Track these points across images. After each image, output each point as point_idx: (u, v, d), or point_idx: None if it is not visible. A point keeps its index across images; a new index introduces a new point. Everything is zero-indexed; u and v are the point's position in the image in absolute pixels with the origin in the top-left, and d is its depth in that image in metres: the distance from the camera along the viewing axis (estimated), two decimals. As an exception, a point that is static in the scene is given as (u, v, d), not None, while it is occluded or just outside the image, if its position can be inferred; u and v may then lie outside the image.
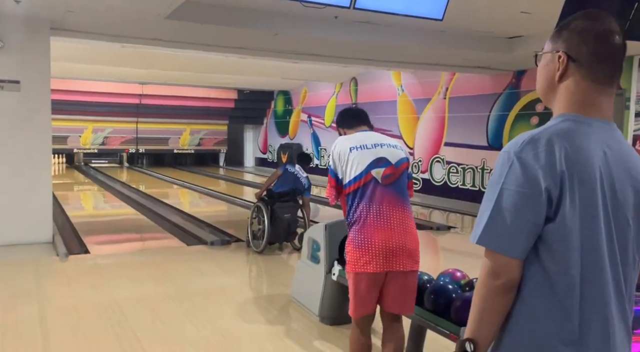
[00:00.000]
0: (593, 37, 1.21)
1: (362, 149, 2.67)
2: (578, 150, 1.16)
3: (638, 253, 1.26)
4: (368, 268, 2.56)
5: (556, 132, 1.18)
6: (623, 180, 1.20)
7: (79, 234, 6.74)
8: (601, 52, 1.21)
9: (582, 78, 1.22)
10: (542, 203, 1.14)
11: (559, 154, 1.14)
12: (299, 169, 6.16)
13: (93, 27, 6.41)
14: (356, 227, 2.60)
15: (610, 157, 1.20)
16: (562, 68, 1.23)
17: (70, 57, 9.92)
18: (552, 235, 1.16)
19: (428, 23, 5.53)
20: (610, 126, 1.24)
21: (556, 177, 1.13)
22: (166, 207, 9.25)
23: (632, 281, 1.24)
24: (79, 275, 4.97)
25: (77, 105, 16.14)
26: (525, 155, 1.15)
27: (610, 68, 1.23)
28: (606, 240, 1.17)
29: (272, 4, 5.45)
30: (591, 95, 1.22)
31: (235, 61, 10.25)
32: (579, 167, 1.15)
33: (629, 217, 1.21)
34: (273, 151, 18.09)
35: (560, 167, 1.13)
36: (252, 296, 4.59)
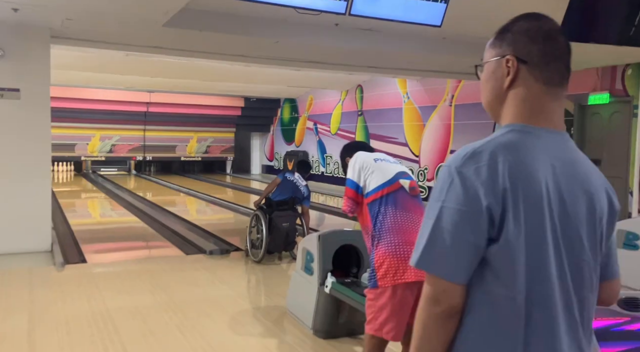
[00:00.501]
0: (541, 36, 1.13)
1: (387, 162, 2.71)
2: (523, 165, 1.06)
3: (596, 274, 1.15)
4: (409, 277, 2.42)
5: (500, 144, 1.09)
6: (574, 195, 1.10)
7: (79, 242, 6.71)
8: (550, 51, 1.13)
9: (535, 81, 1.13)
10: (484, 223, 1.04)
11: (502, 169, 1.05)
12: (298, 178, 6.08)
13: (93, 35, 6.41)
14: (390, 235, 2.49)
15: (559, 171, 1.10)
16: (512, 72, 1.14)
17: (77, 65, 9.97)
18: (496, 257, 1.06)
19: (429, 30, 5.45)
20: (562, 136, 1.15)
21: (498, 194, 1.04)
22: (170, 216, 9.22)
23: (589, 305, 1.14)
24: (74, 285, 4.92)
25: (84, 113, 16.27)
26: (466, 170, 1.06)
27: (560, 68, 1.14)
28: (555, 261, 1.07)
29: (270, 11, 5.41)
30: (542, 100, 1.13)
31: (241, 69, 10.25)
32: (524, 183, 1.05)
33: (582, 236, 1.11)
34: (279, 159, 18.05)
35: (503, 183, 1.04)
36: (247, 308, 4.50)
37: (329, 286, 3.63)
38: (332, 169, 14.99)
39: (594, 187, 1.14)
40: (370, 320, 2.54)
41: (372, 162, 2.68)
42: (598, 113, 8.40)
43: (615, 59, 7.57)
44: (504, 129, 1.14)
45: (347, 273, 3.83)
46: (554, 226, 1.07)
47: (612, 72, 8.10)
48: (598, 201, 1.14)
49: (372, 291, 2.54)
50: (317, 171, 15.30)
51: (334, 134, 14.93)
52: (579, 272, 1.11)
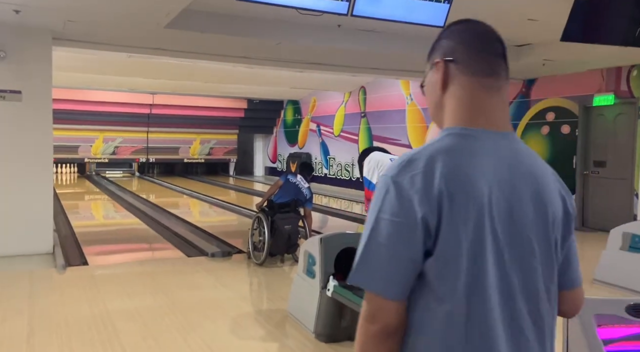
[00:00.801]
0: (466, 35, 1.11)
1: None
2: (461, 170, 1.01)
3: (552, 282, 1.07)
4: None
5: (437, 150, 1.04)
6: (521, 199, 1.04)
7: (81, 244, 6.70)
8: (475, 44, 1.10)
9: (464, 74, 1.09)
10: (419, 234, 0.98)
11: (438, 176, 0.99)
12: (300, 180, 6.04)
13: (95, 36, 6.41)
14: None
15: (504, 174, 1.03)
16: (442, 73, 1.11)
17: (79, 67, 9.98)
18: (432, 270, 0.99)
19: (432, 31, 5.42)
20: (506, 136, 1.08)
21: (433, 204, 0.98)
22: (172, 218, 9.20)
23: (544, 314, 1.05)
24: (74, 287, 4.89)
25: (88, 115, 16.29)
26: (401, 179, 1.01)
27: (489, 58, 1.09)
28: (496, 272, 1.00)
29: (272, 12, 5.39)
30: (478, 96, 1.08)
31: (244, 71, 10.23)
32: (461, 190, 0.99)
33: (532, 241, 1.04)
34: (282, 160, 18.03)
35: (438, 192, 0.98)
36: (249, 311, 4.46)
37: (331, 289, 3.59)
38: (335, 171, 14.95)
39: (545, 189, 1.08)
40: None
41: (387, 161, 2.66)
42: (603, 114, 8.34)
43: (621, 60, 7.51)
44: (442, 134, 1.09)
45: (349, 276, 3.79)
46: (496, 234, 1.01)
47: (617, 73, 8.04)
48: (550, 203, 1.07)
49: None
50: (320, 173, 15.26)
51: (337, 136, 14.89)
52: (530, 280, 1.04)
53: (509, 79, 1.14)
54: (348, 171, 14.37)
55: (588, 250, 7.30)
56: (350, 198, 12.69)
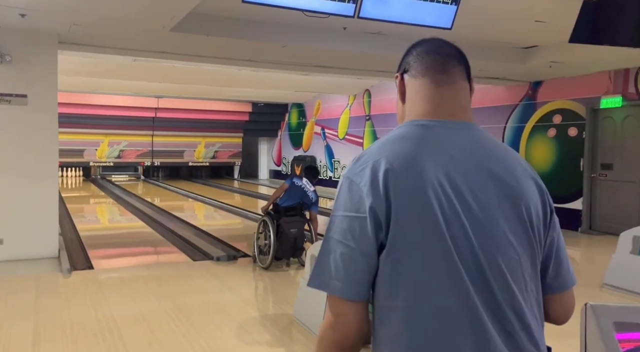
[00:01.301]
0: (421, 46, 1.15)
1: None
2: (409, 158, 0.99)
3: (531, 278, 1.01)
4: None
5: (383, 142, 1.05)
6: (481, 186, 1.00)
7: (86, 248, 6.68)
8: (428, 49, 1.14)
9: (414, 78, 1.12)
10: (370, 226, 0.95)
11: (384, 166, 0.98)
12: (306, 183, 6.01)
13: (101, 40, 6.41)
14: None
15: (460, 162, 1.01)
16: (399, 84, 1.15)
17: (86, 72, 10.01)
18: (385, 265, 0.96)
19: (438, 33, 5.39)
20: (464, 125, 1.07)
21: (380, 193, 0.96)
22: (177, 221, 9.18)
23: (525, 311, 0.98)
24: (80, 292, 4.87)
25: (93, 118, 16.33)
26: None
27: (437, 58, 1.11)
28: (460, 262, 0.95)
29: (278, 15, 5.37)
30: (428, 92, 1.09)
31: (249, 74, 10.23)
32: (409, 178, 0.97)
33: (506, 232, 0.99)
34: (287, 164, 18.02)
35: (384, 181, 0.97)
36: (255, 315, 4.43)
37: (338, 293, 3.55)
38: (340, 174, 14.91)
39: (513, 177, 1.03)
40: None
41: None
42: (610, 117, 8.27)
43: (629, 61, 7.45)
44: (394, 130, 1.10)
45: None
46: (454, 218, 0.96)
47: (625, 75, 7.98)
48: (521, 194, 1.02)
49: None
50: (325, 176, 15.23)
51: (342, 139, 14.86)
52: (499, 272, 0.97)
53: (466, 77, 1.13)
54: (353, 174, 14.32)
55: (596, 253, 7.23)
56: (356, 201, 12.62)
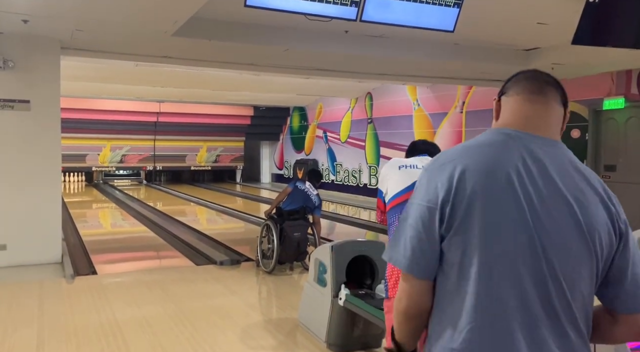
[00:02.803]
0: (522, 73, 1.25)
1: (411, 168, 2.61)
2: (485, 163, 1.10)
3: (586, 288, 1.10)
4: None
5: (465, 146, 1.16)
6: (552, 199, 1.09)
7: (89, 253, 6.68)
8: (527, 75, 1.24)
9: (509, 96, 1.22)
10: (437, 218, 1.09)
11: (461, 168, 1.09)
12: (309, 186, 6.00)
13: (103, 45, 6.42)
14: None
15: (533, 171, 1.10)
16: (496, 105, 1.24)
17: (87, 76, 10.03)
18: (455, 255, 1.08)
19: (441, 36, 5.38)
20: (545, 140, 1.16)
21: (451, 191, 1.08)
22: (180, 225, 9.18)
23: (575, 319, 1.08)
24: (83, 297, 4.87)
25: (95, 123, 16.36)
26: (433, 167, 1.14)
27: (533, 83, 1.20)
28: (523, 265, 1.06)
29: (280, 19, 5.37)
30: (520, 107, 1.18)
31: (250, 78, 10.24)
32: (483, 181, 1.08)
33: (569, 245, 1.08)
34: (289, 167, 18.01)
35: (458, 181, 1.08)
36: (259, 320, 4.41)
37: (342, 298, 3.54)
38: (342, 177, 14.90)
39: (582, 201, 1.11)
40: (388, 335, 2.45)
41: (395, 170, 2.60)
42: (613, 118, 8.25)
43: (631, 62, 7.43)
44: (483, 135, 1.20)
45: (361, 285, 3.74)
46: (517, 226, 1.06)
47: (627, 76, 7.96)
48: (588, 218, 1.10)
49: (386, 303, 2.47)
50: (327, 179, 15.22)
51: (344, 142, 14.86)
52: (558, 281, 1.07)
53: (561, 103, 1.21)
54: (355, 177, 14.32)
55: (601, 255, 7.20)
56: (358, 204, 12.63)
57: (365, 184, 13.85)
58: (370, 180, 13.59)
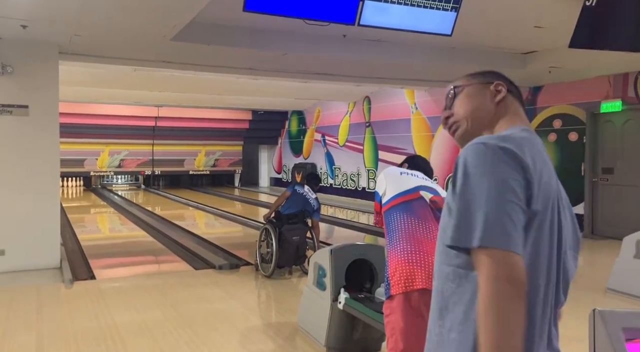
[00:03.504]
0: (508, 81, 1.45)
1: (413, 176, 2.67)
2: (537, 154, 1.18)
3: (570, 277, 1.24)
4: (418, 284, 2.35)
5: (520, 136, 1.21)
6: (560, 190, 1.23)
7: (88, 258, 6.67)
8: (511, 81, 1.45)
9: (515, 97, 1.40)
10: (525, 191, 1.10)
11: (528, 153, 1.14)
12: (307, 190, 6.01)
13: (101, 50, 6.43)
14: (403, 242, 2.43)
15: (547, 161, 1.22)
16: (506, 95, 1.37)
17: (86, 81, 10.04)
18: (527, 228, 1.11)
19: (438, 40, 5.40)
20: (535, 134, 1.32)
21: (530, 172, 1.12)
22: (178, 230, 9.17)
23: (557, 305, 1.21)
24: (82, 302, 4.86)
25: (93, 128, 16.37)
26: (508, 146, 1.12)
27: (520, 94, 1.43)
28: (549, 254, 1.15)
29: (278, 23, 5.39)
30: (520, 109, 1.39)
31: (249, 82, 10.25)
32: (540, 169, 1.15)
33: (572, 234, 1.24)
34: (288, 171, 18.02)
35: (532, 164, 1.13)
36: (258, 323, 4.41)
37: (342, 301, 3.54)
38: (340, 181, 14.91)
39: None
40: (388, 338, 2.44)
41: (397, 174, 2.66)
42: (611, 121, 8.28)
43: (628, 66, 7.47)
44: (514, 129, 1.28)
45: (360, 288, 3.74)
46: (554, 214, 1.15)
47: (624, 79, 8.00)
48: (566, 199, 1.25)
49: (388, 305, 2.45)
50: (326, 183, 15.23)
51: (342, 146, 14.87)
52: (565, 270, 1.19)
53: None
54: (354, 181, 14.32)
55: (599, 258, 7.21)
56: (357, 208, 12.63)
57: (363, 187, 13.86)
58: (369, 183, 13.60)
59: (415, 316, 2.36)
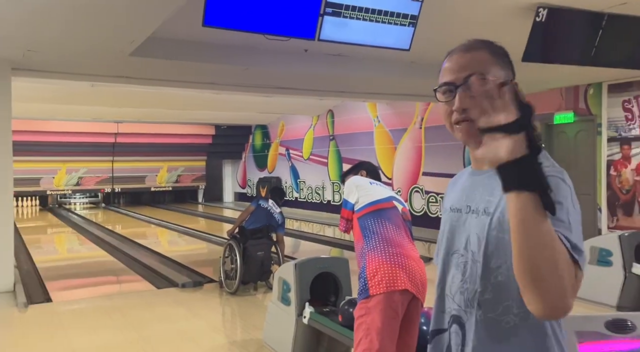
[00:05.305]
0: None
1: (380, 186, 2.80)
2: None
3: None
4: (401, 285, 2.41)
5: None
6: None
7: (44, 280, 6.41)
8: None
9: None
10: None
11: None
12: (272, 204, 5.98)
13: (57, 66, 6.26)
14: (384, 244, 2.50)
15: None
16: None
17: (40, 97, 9.74)
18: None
19: (397, 54, 5.51)
20: None
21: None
22: (140, 248, 8.95)
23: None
24: (37, 326, 4.66)
25: (49, 146, 15.89)
26: (568, 181, 1.12)
27: None
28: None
29: (239, 38, 5.38)
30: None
31: (211, 97, 10.18)
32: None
33: None
34: (252, 185, 17.90)
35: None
36: (223, 342, 4.33)
37: (307, 316, 3.51)
38: (305, 195, 14.90)
39: None
40: (362, 339, 2.42)
41: (367, 184, 2.77)
42: (564, 132, 8.60)
43: (578, 79, 7.79)
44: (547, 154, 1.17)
45: (325, 302, 3.72)
46: None
47: (575, 92, 8.33)
48: None
49: (363, 305, 2.45)
50: (291, 197, 15.19)
51: (307, 159, 14.90)
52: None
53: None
54: (319, 194, 14.35)
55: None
56: (322, 221, 12.63)
57: (329, 200, 13.89)
58: (334, 196, 13.64)
59: (392, 317, 2.39)
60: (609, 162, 7.93)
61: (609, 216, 7.94)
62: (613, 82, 7.75)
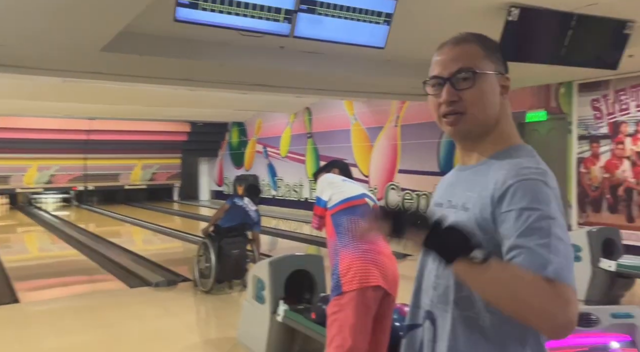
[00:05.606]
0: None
1: (352, 183, 2.84)
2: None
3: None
4: (374, 281, 2.43)
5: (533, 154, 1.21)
6: None
7: (11, 281, 6.25)
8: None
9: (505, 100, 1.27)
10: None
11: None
12: (247, 202, 5.94)
13: (27, 61, 6.09)
14: (357, 241, 2.51)
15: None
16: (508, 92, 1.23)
17: (11, 94, 9.49)
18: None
19: (373, 52, 5.51)
20: None
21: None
22: (113, 247, 8.80)
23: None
24: (3, 328, 4.53)
25: (19, 143, 15.51)
26: (552, 183, 1.11)
27: None
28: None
29: (213, 34, 5.32)
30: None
31: (187, 93, 10.05)
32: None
33: None
34: (229, 184, 17.77)
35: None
36: (197, 341, 4.29)
37: (281, 314, 3.50)
38: (283, 192, 14.87)
39: None
40: (334, 336, 2.42)
41: (340, 181, 2.80)
42: (536, 130, 8.75)
43: (550, 78, 7.94)
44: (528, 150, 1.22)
45: (300, 299, 3.72)
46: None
47: (546, 90, 8.49)
48: None
49: (336, 302, 2.46)
50: (269, 195, 15.14)
51: (284, 157, 14.87)
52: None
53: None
54: (296, 192, 14.33)
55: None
56: (299, 219, 12.62)
57: (306, 198, 13.88)
58: (311, 194, 13.63)
59: (365, 313, 2.41)
60: (579, 159, 8.10)
61: (579, 212, 8.12)
62: (583, 82, 7.92)
